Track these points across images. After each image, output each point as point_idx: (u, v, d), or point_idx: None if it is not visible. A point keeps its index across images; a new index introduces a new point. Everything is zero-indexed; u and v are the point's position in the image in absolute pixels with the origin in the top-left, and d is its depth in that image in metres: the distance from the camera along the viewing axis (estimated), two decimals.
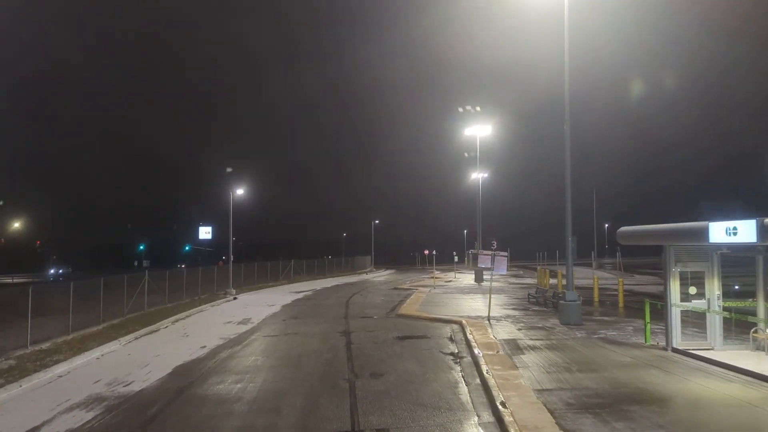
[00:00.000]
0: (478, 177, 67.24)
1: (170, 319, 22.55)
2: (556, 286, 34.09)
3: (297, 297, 32.72)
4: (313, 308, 26.30)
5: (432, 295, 30.66)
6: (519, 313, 22.13)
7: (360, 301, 29.37)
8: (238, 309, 26.91)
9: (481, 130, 46.04)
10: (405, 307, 24.70)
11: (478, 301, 27.45)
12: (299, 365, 13.44)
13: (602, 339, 15.66)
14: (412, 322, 20.50)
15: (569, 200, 19.05)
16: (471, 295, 30.73)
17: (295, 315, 23.66)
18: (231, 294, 33.47)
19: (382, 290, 36.94)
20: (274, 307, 26.99)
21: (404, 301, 27.88)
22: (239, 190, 34.92)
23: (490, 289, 21.29)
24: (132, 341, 17.74)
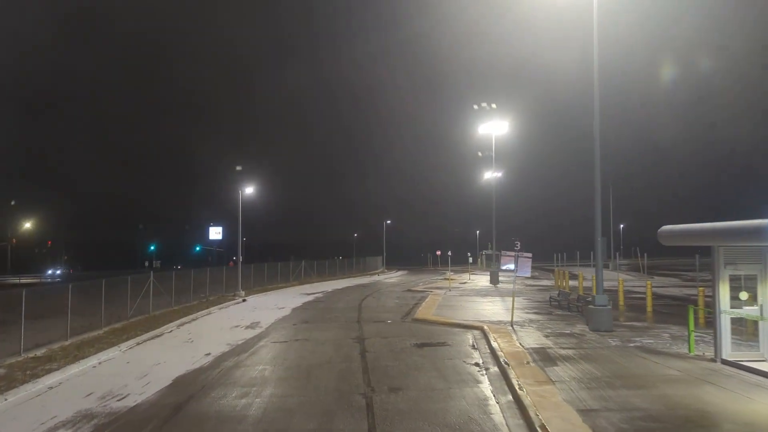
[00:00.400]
0: (493, 176, 66.06)
1: (175, 323, 21.53)
2: (577, 288, 32.76)
3: (308, 299, 31.64)
4: (325, 311, 25.18)
5: (448, 298, 29.44)
6: (542, 318, 20.86)
7: (373, 304, 28.21)
8: (246, 312, 25.86)
9: (496, 128, 44.72)
10: (421, 311, 23.51)
11: (497, 305, 26.20)
12: (310, 377, 12.29)
13: (639, 348, 14.36)
14: (429, 328, 19.30)
15: (598, 200, 17.75)
16: (489, 298, 29.47)
17: (305, 319, 22.55)
18: (240, 296, 32.46)
19: (395, 292, 35.77)
20: (283, 310, 25.91)
21: (419, 305, 26.68)
22: (248, 188, 33.92)
23: (513, 293, 20.04)
24: (133, 347, 16.70)
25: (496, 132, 45.38)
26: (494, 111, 44.59)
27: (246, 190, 34.00)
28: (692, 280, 51.36)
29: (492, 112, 44.63)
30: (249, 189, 33.94)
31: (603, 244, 17.75)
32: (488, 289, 36.11)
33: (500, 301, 28.07)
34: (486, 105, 44.83)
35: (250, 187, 33.84)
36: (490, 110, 44.71)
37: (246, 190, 34.00)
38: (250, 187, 33.86)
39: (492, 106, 44.74)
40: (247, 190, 33.94)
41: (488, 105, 44.81)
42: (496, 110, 44.59)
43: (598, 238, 17.71)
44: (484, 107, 44.86)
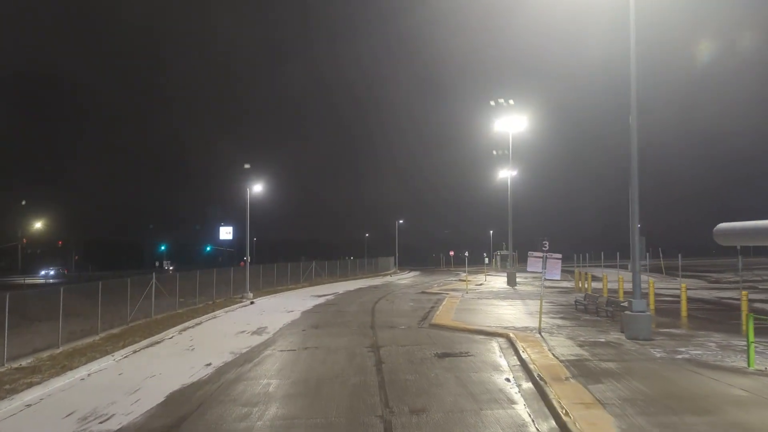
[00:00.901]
0: (509, 175, 64.35)
1: (177, 328, 20.25)
2: (601, 291, 31.13)
3: (318, 302, 30.28)
4: (336, 315, 23.79)
5: (465, 301, 27.93)
6: (570, 324, 19.30)
7: (387, 307, 26.78)
8: (253, 315, 24.54)
9: (514, 125, 43.10)
10: (439, 316, 22.04)
11: (518, 308, 24.67)
12: (320, 393, 10.89)
13: (688, 361, 12.80)
14: (449, 335, 17.83)
15: (635, 195, 16.18)
16: (509, 301, 27.93)
17: (315, 324, 21.17)
18: (248, 298, 31.18)
19: (409, 294, 34.32)
20: (293, 314, 24.56)
21: (436, 308, 25.22)
22: (257, 187, 32.63)
23: (541, 297, 18.52)
24: (129, 356, 15.40)
25: (513, 129, 43.77)
26: (512, 107, 42.97)
27: (255, 189, 32.73)
28: (717, 281, 49.42)
29: (509, 108, 43.02)
30: (257, 188, 32.65)
31: (642, 243, 16.18)
32: (507, 292, 34.57)
33: (521, 304, 26.54)
34: (503, 101, 43.23)
35: (258, 186, 32.56)
36: (507, 106, 43.10)
37: (255, 189, 32.73)
38: (259, 186, 32.58)
39: (509, 102, 43.14)
40: (256, 190, 32.68)
41: (505, 101, 43.22)
42: (514, 106, 42.98)
43: (635, 237, 16.14)
44: (501, 103, 43.26)
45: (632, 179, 16.17)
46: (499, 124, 43.88)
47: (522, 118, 42.93)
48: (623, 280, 29.91)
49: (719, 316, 22.51)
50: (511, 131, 43.98)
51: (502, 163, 65.68)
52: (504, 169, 66.86)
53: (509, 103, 43.20)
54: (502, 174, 67.41)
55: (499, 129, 44.42)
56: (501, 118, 43.13)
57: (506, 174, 66.82)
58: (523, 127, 43.59)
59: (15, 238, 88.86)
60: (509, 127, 43.44)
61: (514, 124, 43.09)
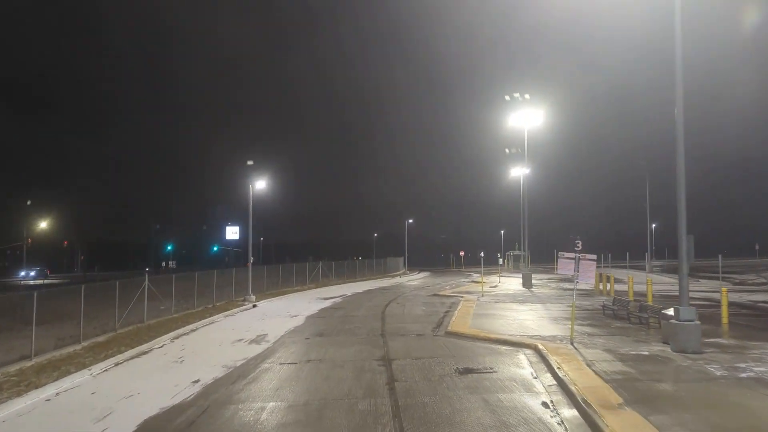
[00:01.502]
0: (523, 173, 62.38)
1: (170, 335, 18.53)
2: (625, 294, 29.15)
3: (324, 305, 28.49)
4: (343, 321, 21.99)
5: (482, 305, 26.04)
6: (601, 332, 17.39)
7: (398, 311, 24.95)
8: (254, 321, 22.80)
9: (530, 119, 41.10)
10: (455, 322, 20.18)
11: (539, 313, 22.78)
12: (322, 423, 9.09)
13: (757, 381, 10.87)
14: (468, 345, 15.97)
15: (682, 190, 14.27)
16: (528, 305, 26.02)
17: (320, 331, 19.36)
18: (250, 301, 29.46)
19: (420, 297, 32.47)
20: (296, 319, 22.79)
21: (451, 313, 23.36)
22: (260, 184, 30.88)
23: (573, 304, 16.64)
24: (109, 369, 13.68)
25: (528, 125, 41.78)
26: (528, 102, 40.95)
27: (258, 186, 30.98)
28: (742, 283, 47.15)
29: (525, 103, 40.99)
30: (261, 184, 30.91)
31: (690, 242, 14.24)
32: (523, 294, 32.64)
33: (542, 308, 24.64)
34: (519, 95, 41.21)
35: (261, 182, 30.82)
36: (523, 101, 41.06)
37: (258, 186, 30.98)
38: (262, 182, 30.84)
39: (525, 97, 41.11)
40: (260, 187, 30.90)
41: (521, 95, 41.19)
42: (530, 101, 40.95)
43: (682, 237, 14.20)
44: (516, 98, 41.23)
45: (678, 176, 14.25)
46: (513, 120, 41.91)
47: (538, 113, 40.95)
48: (636, 282, 28.03)
49: (762, 323, 20.53)
50: (527, 126, 42.02)
51: (516, 161, 63.63)
52: (517, 167, 64.93)
53: (525, 98, 41.18)
54: (514, 172, 65.38)
55: (514, 124, 42.45)
56: (516, 112, 41.14)
57: (520, 172, 64.70)
58: (539, 122, 41.61)
59: (20, 238, 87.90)
60: (525, 122, 41.47)
61: (530, 119, 41.10)
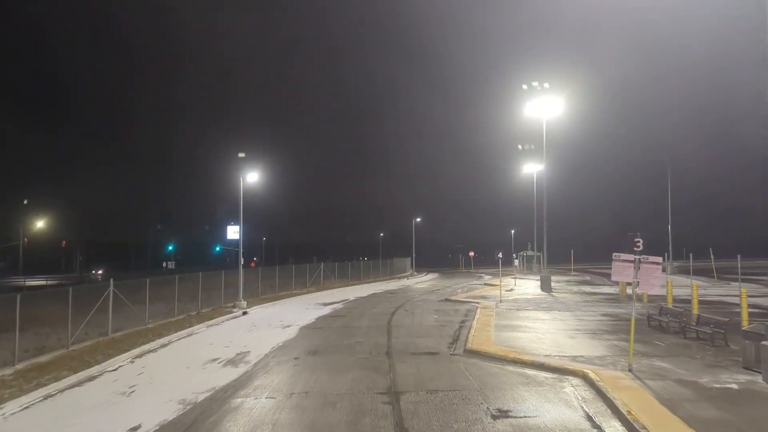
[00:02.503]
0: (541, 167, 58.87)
1: (133, 353, 15.41)
2: (661, 299, 25.83)
3: (323, 312, 25.30)
4: (342, 334, 18.79)
5: (503, 314, 22.78)
6: (657, 352, 14.13)
7: (406, 321, 21.72)
8: (239, 333, 19.66)
9: (549, 109, 37.79)
10: (475, 336, 16.92)
11: (570, 323, 19.50)
12: None
13: None
14: (496, 369, 12.74)
15: None
16: (554, 313, 22.73)
17: (314, 348, 16.15)
18: (240, 307, 26.33)
19: (431, 303, 29.22)
20: (288, 331, 19.62)
21: (468, 323, 20.14)
22: (252, 175, 27.71)
23: (633, 318, 13.38)
24: (30, 406, 10.55)
25: (547, 114, 38.42)
26: (546, 91, 37.61)
27: (250, 179, 27.81)
28: None
29: (543, 92, 37.66)
30: (253, 177, 27.72)
31: None
32: (545, 300, 29.33)
33: (572, 318, 21.35)
34: (537, 84, 37.83)
35: (254, 174, 27.63)
36: (541, 90, 37.72)
37: (250, 179, 27.81)
38: (254, 174, 27.65)
39: (544, 86, 37.73)
40: (254, 181, 27.77)
41: (540, 84, 37.81)
42: (549, 90, 37.61)
43: None
44: (534, 87, 37.87)
45: None
46: (531, 110, 38.56)
47: (558, 101, 37.59)
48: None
49: None
50: (545, 117, 38.67)
51: (529, 158, 60.73)
52: (530, 164, 61.92)
53: (544, 87, 37.83)
54: (527, 169, 62.30)
55: (531, 114, 39.08)
56: (534, 101, 37.81)
57: (533, 168, 61.55)
58: (559, 111, 38.20)
59: (16, 238, 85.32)
60: (543, 112, 38.14)
61: (549, 108, 37.78)
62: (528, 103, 38.16)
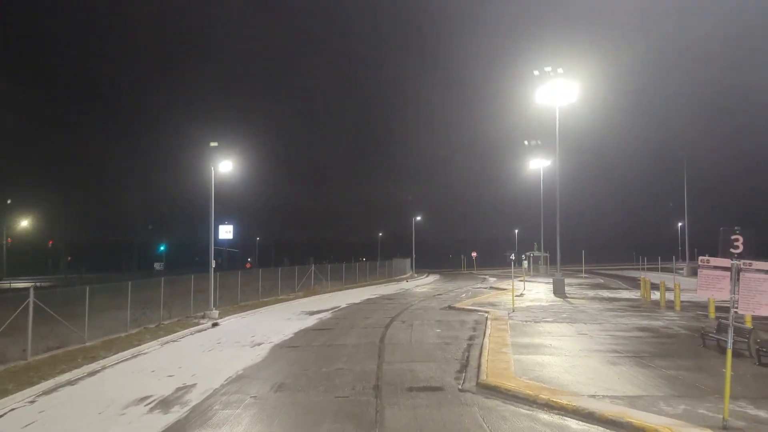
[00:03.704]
0: (547, 164, 55.74)
1: (40, 388, 11.76)
2: (699, 306, 22.24)
3: (306, 324, 21.62)
4: (322, 356, 15.10)
5: (518, 327, 19.09)
6: (742, 390, 10.44)
7: (402, 337, 18.01)
8: (195, 353, 15.99)
9: (562, 96, 34.18)
10: (489, 362, 13.20)
11: (604, 342, 15.81)
12: None
13: None
14: (527, 421, 9.07)
15: None
16: (579, 326, 19.04)
17: (281, 380, 12.43)
18: (210, 318, 22.65)
19: (432, 311, 25.54)
20: (257, 351, 15.95)
21: (478, 340, 16.49)
22: (226, 164, 23.97)
23: (729, 356, 9.71)
24: None
25: (560, 101, 34.76)
26: (560, 76, 33.89)
27: (223, 169, 24.04)
28: None
29: (556, 77, 33.93)
30: (226, 167, 23.99)
31: None
32: (562, 307, 25.63)
33: (602, 333, 17.65)
34: (550, 69, 34.05)
35: (227, 163, 23.90)
36: (555, 75, 33.98)
37: (223, 169, 24.04)
38: (228, 163, 23.92)
39: (558, 71, 33.97)
40: (224, 169, 23.99)
41: (553, 69, 34.03)
42: (563, 75, 33.89)
43: None
44: (547, 72, 34.10)
45: None
46: (542, 96, 34.93)
47: (573, 85, 33.96)
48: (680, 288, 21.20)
49: None
50: (558, 104, 35.00)
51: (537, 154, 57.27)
52: (537, 160, 58.53)
53: (557, 72, 34.07)
54: (534, 165, 58.85)
55: (542, 102, 35.43)
56: (546, 86, 34.14)
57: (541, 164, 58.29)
58: (573, 98, 34.58)
59: None
60: (555, 99, 34.51)
61: (563, 94, 34.16)
62: (540, 87, 34.48)
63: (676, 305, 24.72)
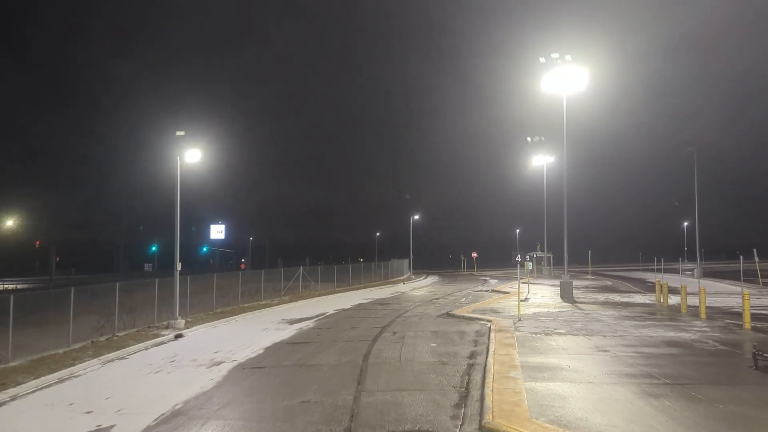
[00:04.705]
0: (551, 161, 53.21)
1: None
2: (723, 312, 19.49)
3: (282, 336, 18.83)
4: (289, 383, 12.33)
5: (526, 340, 16.30)
6: None
7: (391, 355, 15.21)
8: (137, 377, 13.21)
9: (570, 84, 31.47)
10: (495, 393, 10.39)
11: (633, 364, 13.01)
12: None
13: None
14: None
15: None
16: (599, 340, 16.25)
17: (226, 420, 9.67)
18: (175, 328, 19.91)
19: (428, 320, 22.76)
20: (213, 373, 13.16)
21: (480, 360, 13.72)
22: (194, 153, 21.17)
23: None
24: None
25: (568, 90, 32.08)
26: (568, 64, 31.12)
27: (191, 159, 21.28)
28: None
29: (564, 65, 31.15)
30: (194, 156, 21.19)
31: None
32: (573, 316, 22.84)
33: (627, 349, 14.86)
34: (557, 56, 31.25)
35: (195, 151, 21.10)
36: (563, 63, 31.20)
37: (191, 159, 21.28)
38: (196, 152, 21.11)
39: (566, 58, 31.19)
40: (191, 159, 21.18)
41: (561, 56, 31.23)
42: (572, 62, 31.11)
43: None
44: (554, 59, 31.30)
45: None
46: (549, 85, 32.24)
47: (582, 71, 31.21)
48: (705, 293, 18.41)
49: None
50: (566, 93, 32.33)
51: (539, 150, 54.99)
52: (540, 156, 56.23)
53: (565, 59, 31.28)
54: (537, 161, 56.50)
55: (549, 91, 32.74)
56: (553, 73, 31.43)
57: (544, 161, 55.94)
58: (582, 86, 31.85)
59: None
60: (563, 87, 31.84)
61: (571, 82, 31.46)
62: (546, 75, 31.76)
63: (701, 312, 21.99)
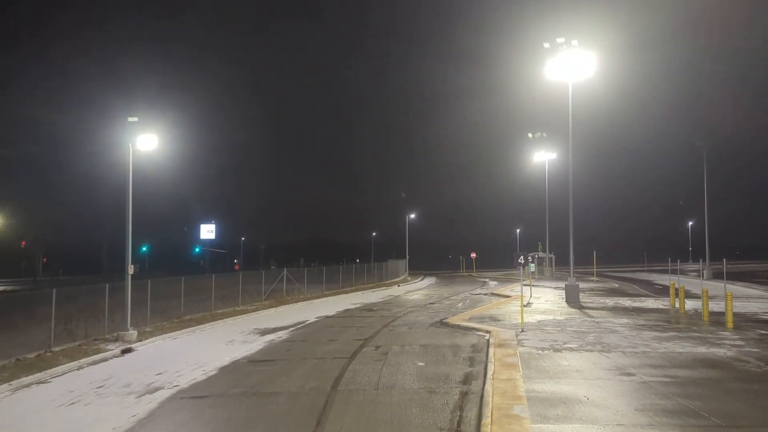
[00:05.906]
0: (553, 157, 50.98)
1: None
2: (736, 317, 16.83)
3: (245, 353, 16.13)
4: (229, 422, 9.66)
5: (532, 359, 13.62)
6: None
7: (367, 380, 12.51)
8: (39, 413, 10.51)
9: (576, 69, 28.97)
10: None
11: (667, 395, 10.31)
12: None
13: None
14: None
15: None
16: (618, 358, 13.58)
17: None
18: (125, 341, 17.22)
19: (418, 330, 20.09)
20: (140, 407, 10.47)
21: (478, 385, 11.06)
22: (148, 140, 18.47)
23: None
24: None
25: (574, 77, 29.64)
26: (574, 48, 28.53)
27: (145, 147, 18.59)
28: None
29: (570, 50, 28.56)
30: (150, 144, 18.51)
31: None
32: (584, 325, 20.14)
33: (652, 371, 12.20)
34: (563, 41, 28.65)
35: (151, 137, 18.40)
36: (568, 48, 28.59)
37: (145, 147, 18.59)
38: (153, 137, 18.42)
39: (572, 43, 28.58)
40: (145, 146, 18.50)
41: (566, 41, 28.63)
42: (578, 47, 28.52)
43: None
44: (560, 44, 28.69)
45: None
46: (553, 72, 29.81)
47: (590, 56, 28.64)
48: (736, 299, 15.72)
49: None
50: (572, 80, 29.88)
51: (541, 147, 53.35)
52: (542, 152, 54.52)
53: (572, 44, 28.65)
54: (538, 158, 54.50)
55: (553, 78, 30.32)
56: (559, 57, 28.87)
57: (545, 157, 54.09)
58: (590, 72, 29.36)
59: None
60: (569, 74, 29.39)
61: (577, 68, 28.99)
62: (550, 60, 29.16)
63: (727, 321, 19.36)
